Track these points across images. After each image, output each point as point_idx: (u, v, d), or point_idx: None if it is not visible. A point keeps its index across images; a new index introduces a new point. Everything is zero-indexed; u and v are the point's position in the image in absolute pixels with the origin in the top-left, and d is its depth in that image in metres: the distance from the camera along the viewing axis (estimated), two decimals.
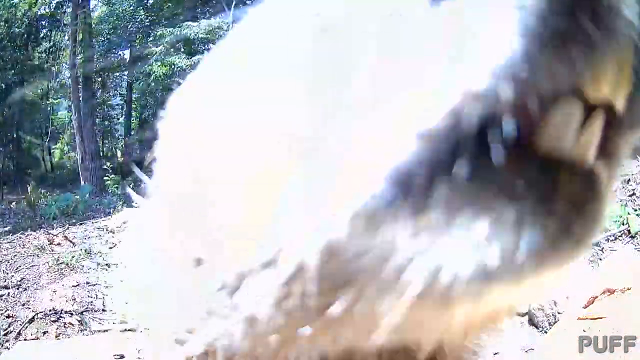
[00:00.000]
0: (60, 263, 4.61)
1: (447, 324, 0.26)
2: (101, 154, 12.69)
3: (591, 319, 2.31)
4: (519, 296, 0.33)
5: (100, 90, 13.31)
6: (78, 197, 7.74)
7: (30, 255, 4.86)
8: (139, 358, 2.86)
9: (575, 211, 0.24)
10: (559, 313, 2.79)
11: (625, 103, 0.25)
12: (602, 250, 3.27)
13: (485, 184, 0.22)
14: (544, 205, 0.23)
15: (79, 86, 11.09)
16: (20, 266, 4.58)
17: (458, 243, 0.22)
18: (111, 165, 10.34)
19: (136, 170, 0.42)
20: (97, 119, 12.96)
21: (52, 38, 12.59)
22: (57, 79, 13.38)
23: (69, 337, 3.36)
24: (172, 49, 10.41)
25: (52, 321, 3.62)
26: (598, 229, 0.26)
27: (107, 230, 5.74)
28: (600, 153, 0.25)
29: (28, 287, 4.14)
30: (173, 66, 10.06)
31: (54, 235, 5.48)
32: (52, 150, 14.65)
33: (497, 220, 0.22)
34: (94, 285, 4.20)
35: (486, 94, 0.20)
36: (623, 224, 3.54)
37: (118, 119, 14.93)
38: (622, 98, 0.24)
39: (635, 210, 3.65)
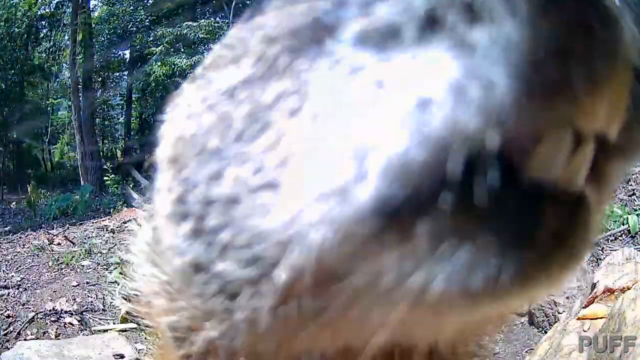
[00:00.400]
0: (60, 263, 4.62)
1: (439, 327, 0.27)
2: (101, 154, 12.71)
3: (591, 318, 2.31)
4: (510, 308, 0.34)
5: (100, 90, 13.31)
6: (78, 197, 7.74)
7: (30, 255, 4.87)
8: (138, 358, 2.86)
9: (561, 237, 0.24)
10: (559, 313, 2.79)
11: (618, 131, 0.24)
12: (602, 250, 3.27)
13: (469, 214, 0.22)
14: (528, 233, 0.23)
15: (79, 86, 11.11)
16: (20, 266, 4.59)
17: (442, 268, 0.22)
18: (111, 165, 10.33)
19: (135, 173, 0.42)
20: (97, 119, 12.98)
21: (52, 38, 12.60)
22: (57, 79, 13.40)
23: (69, 337, 3.36)
24: (172, 49, 10.42)
25: (52, 321, 3.62)
26: (585, 252, 0.26)
27: (107, 230, 5.74)
28: (591, 177, 0.25)
29: (28, 287, 4.14)
30: (173, 66, 10.07)
31: (54, 235, 5.48)
32: (52, 150, 14.66)
33: (479, 249, 0.22)
34: (94, 285, 4.20)
35: (474, 136, 0.20)
36: (623, 224, 3.54)
37: (118, 119, 14.94)
38: (615, 128, 0.24)
39: (635, 210, 3.65)
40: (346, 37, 0.23)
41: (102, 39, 12.39)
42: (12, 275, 4.34)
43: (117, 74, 13.69)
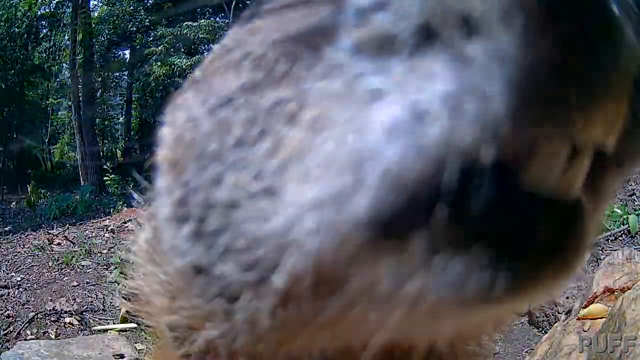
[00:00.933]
0: (60, 263, 4.62)
1: (437, 330, 0.27)
2: (101, 154, 12.72)
3: (591, 318, 2.31)
4: (508, 312, 0.34)
5: (100, 90, 13.31)
6: (78, 197, 7.75)
7: (30, 255, 4.87)
8: (138, 358, 2.86)
9: (556, 246, 0.24)
10: (559, 313, 2.79)
11: (616, 142, 0.24)
12: (602, 250, 3.27)
13: (464, 225, 0.22)
14: (522, 243, 0.23)
15: (79, 86, 11.11)
16: (20, 266, 4.59)
17: (437, 277, 0.22)
18: (111, 165, 10.32)
19: (135, 174, 0.42)
20: (97, 119, 12.98)
21: (52, 38, 12.60)
22: (57, 79, 13.40)
23: (69, 337, 3.37)
24: (172, 49, 10.43)
25: (52, 321, 3.62)
26: (582, 260, 0.26)
27: (107, 230, 5.75)
28: (588, 186, 0.25)
29: (28, 287, 4.14)
30: (173, 66, 10.08)
31: (54, 235, 5.48)
32: (52, 150, 14.66)
33: (474, 260, 0.22)
34: (94, 285, 4.21)
35: (468, 150, 0.20)
36: (623, 224, 3.55)
37: (118, 119, 14.95)
38: (613, 140, 0.24)
39: (635, 210, 3.65)
40: (344, 44, 0.23)
41: (102, 39, 12.40)
42: (12, 275, 4.34)
43: (117, 74, 13.70)
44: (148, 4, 12.11)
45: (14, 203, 8.95)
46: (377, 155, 0.21)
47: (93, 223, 6.22)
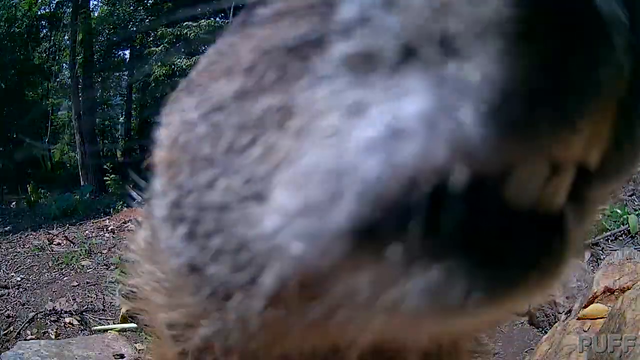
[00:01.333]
0: (60, 263, 4.62)
1: (421, 334, 0.28)
2: (101, 154, 12.73)
3: (591, 318, 2.31)
4: (495, 317, 0.34)
5: (100, 90, 13.31)
6: (78, 197, 7.75)
7: (30, 255, 4.87)
8: (138, 358, 2.86)
9: (534, 258, 0.24)
10: (559, 313, 2.79)
11: (601, 158, 0.24)
12: (602, 250, 3.27)
13: (439, 237, 0.22)
14: (499, 254, 0.23)
15: (79, 86, 11.11)
16: (20, 266, 4.59)
17: (413, 286, 0.23)
18: (111, 165, 10.33)
19: (133, 175, 0.43)
20: (97, 119, 12.98)
21: (52, 38, 12.60)
22: (57, 79, 13.40)
23: (69, 337, 3.36)
24: (172, 49, 10.43)
25: (52, 321, 3.62)
26: (564, 270, 0.26)
27: (107, 230, 5.75)
28: (571, 199, 0.25)
29: (28, 287, 4.14)
30: (173, 66, 10.09)
31: (54, 235, 5.48)
32: (52, 150, 14.66)
33: (449, 270, 0.23)
34: (94, 285, 4.20)
35: (442, 169, 0.21)
36: (623, 224, 3.54)
37: (118, 119, 14.95)
38: (595, 156, 0.24)
39: (636, 210, 3.65)
40: (330, 57, 0.23)
41: (102, 39, 12.40)
42: (12, 275, 4.34)
43: (117, 74, 13.70)
44: (148, 4, 12.11)
45: (14, 203, 8.95)
46: (355, 169, 0.21)
47: (93, 223, 6.22)
